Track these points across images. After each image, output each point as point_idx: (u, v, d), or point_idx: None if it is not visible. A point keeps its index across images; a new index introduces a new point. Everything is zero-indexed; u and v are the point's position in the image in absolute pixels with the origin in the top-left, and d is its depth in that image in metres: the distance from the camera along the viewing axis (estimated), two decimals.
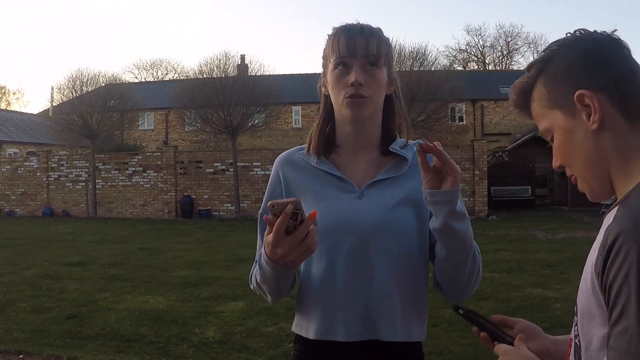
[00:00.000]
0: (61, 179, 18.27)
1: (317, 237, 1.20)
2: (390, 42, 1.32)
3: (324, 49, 1.31)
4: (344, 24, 1.29)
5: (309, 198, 1.28)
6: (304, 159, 1.34)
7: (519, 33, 43.49)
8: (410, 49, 21.02)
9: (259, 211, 1.36)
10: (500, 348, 0.99)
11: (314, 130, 1.35)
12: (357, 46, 1.23)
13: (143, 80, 41.04)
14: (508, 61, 41.76)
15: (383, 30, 1.31)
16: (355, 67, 1.23)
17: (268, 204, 1.09)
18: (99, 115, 17.46)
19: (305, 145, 1.36)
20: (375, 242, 1.23)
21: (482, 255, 1.31)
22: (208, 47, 73.84)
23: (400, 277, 1.25)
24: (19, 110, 40.28)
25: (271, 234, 1.10)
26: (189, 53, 68.46)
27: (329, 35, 1.31)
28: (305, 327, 1.29)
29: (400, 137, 1.36)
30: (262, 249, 1.18)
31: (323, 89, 1.34)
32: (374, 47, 1.24)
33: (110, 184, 17.75)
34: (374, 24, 1.31)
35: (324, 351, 1.26)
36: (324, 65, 1.32)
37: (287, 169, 1.34)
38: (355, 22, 1.29)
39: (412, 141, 1.34)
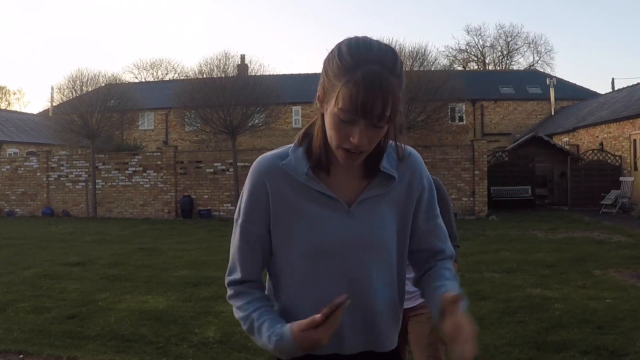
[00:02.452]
0: (61, 179, 18.27)
1: (315, 258, 1.25)
2: (402, 78, 1.16)
3: (330, 64, 1.16)
4: (360, 62, 1.11)
5: (298, 217, 1.25)
6: (289, 171, 1.25)
7: (519, 33, 43.47)
8: (410, 49, 20.98)
9: (239, 221, 1.29)
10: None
11: (316, 141, 1.24)
12: (372, 108, 1.11)
13: (143, 80, 41.06)
14: (508, 61, 41.80)
15: (397, 57, 1.16)
16: (361, 127, 1.13)
17: (337, 300, 1.12)
18: (99, 115, 17.45)
19: (294, 153, 1.27)
20: (372, 259, 1.26)
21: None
22: (208, 47, 73.92)
23: (390, 292, 1.31)
24: (19, 110, 40.32)
25: (323, 332, 1.14)
26: (189, 53, 68.57)
27: (339, 52, 1.15)
28: None
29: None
30: (284, 329, 1.20)
31: (319, 105, 1.21)
32: (387, 109, 1.12)
33: (110, 184, 17.75)
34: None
35: None
36: (327, 86, 1.17)
37: (275, 181, 1.25)
38: (370, 46, 1.14)
39: (405, 146, 1.30)
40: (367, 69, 1.11)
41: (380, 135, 1.18)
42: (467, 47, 42.70)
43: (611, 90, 26.37)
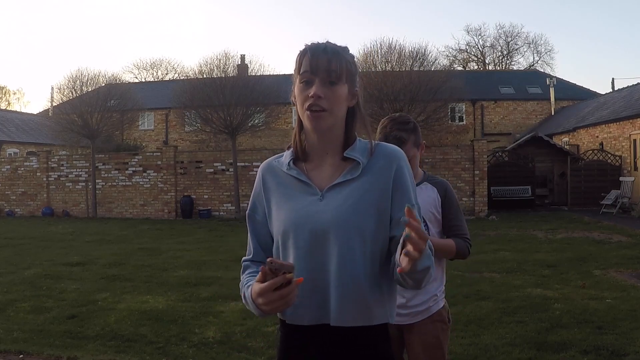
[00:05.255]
0: (61, 179, 18.27)
1: (285, 235, 1.44)
2: (354, 60, 1.47)
3: (294, 64, 1.46)
4: (311, 44, 1.44)
5: (278, 200, 1.49)
6: (278, 165, 1.53)
7: (519, 33, 43.39)
8: (410, 49, 20.89)
9: (247, 211, 1.57)
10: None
11: (294, 136, 1.50)
12: (319, 64, 1.40)
13: (143, 80, 41.04)
14: (508, 61, 41.78)
15: (349, 49, 1.46)
16: (316, 83, 1.40)
17: (267, 259, 1.24)
18: (99, 115, 17.45)
19: (286, 152, 1.53)
20: (332, 238, 1.39)
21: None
22: (208, 47, 73.85)
23: (355, 269, 1.38)
24: (19, 110, 40.30)
25: (261, 284, 1.26)
26: (189, 53, 68.52)
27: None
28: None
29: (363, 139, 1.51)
30: (250, 289, 1.36)
31: (293, 100, 1.48)
32: (334, 65, 1.40)
33: (110, 184, 17.75)
34: (342, 42, 1.46)
35: (292, 332, 1.47)
36: (294, 80, 1.46)
37: (267, 175, 1.54)
38: (324, 42, 1.45)
39: (375, 141, 1.49)
40: (315, 43, 1.45)
41: (337, 96, 1.41)
42: (467, 47, 42.71)
43: (611, 90, 26.36)
